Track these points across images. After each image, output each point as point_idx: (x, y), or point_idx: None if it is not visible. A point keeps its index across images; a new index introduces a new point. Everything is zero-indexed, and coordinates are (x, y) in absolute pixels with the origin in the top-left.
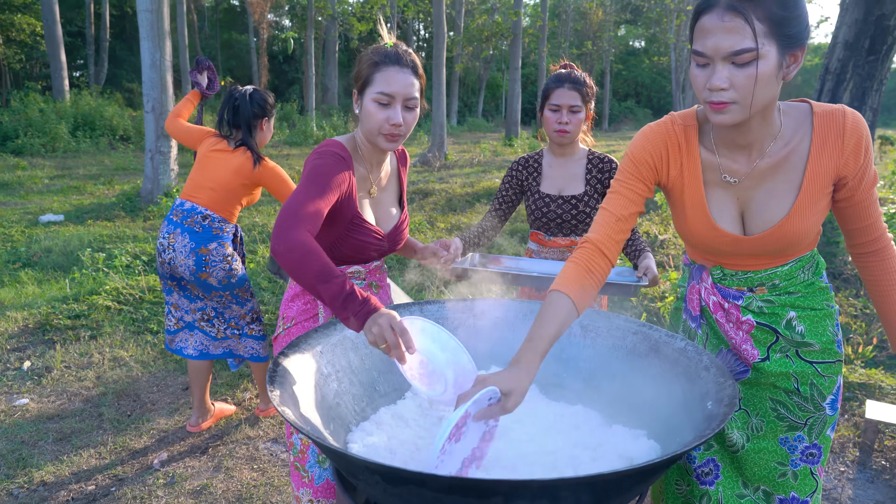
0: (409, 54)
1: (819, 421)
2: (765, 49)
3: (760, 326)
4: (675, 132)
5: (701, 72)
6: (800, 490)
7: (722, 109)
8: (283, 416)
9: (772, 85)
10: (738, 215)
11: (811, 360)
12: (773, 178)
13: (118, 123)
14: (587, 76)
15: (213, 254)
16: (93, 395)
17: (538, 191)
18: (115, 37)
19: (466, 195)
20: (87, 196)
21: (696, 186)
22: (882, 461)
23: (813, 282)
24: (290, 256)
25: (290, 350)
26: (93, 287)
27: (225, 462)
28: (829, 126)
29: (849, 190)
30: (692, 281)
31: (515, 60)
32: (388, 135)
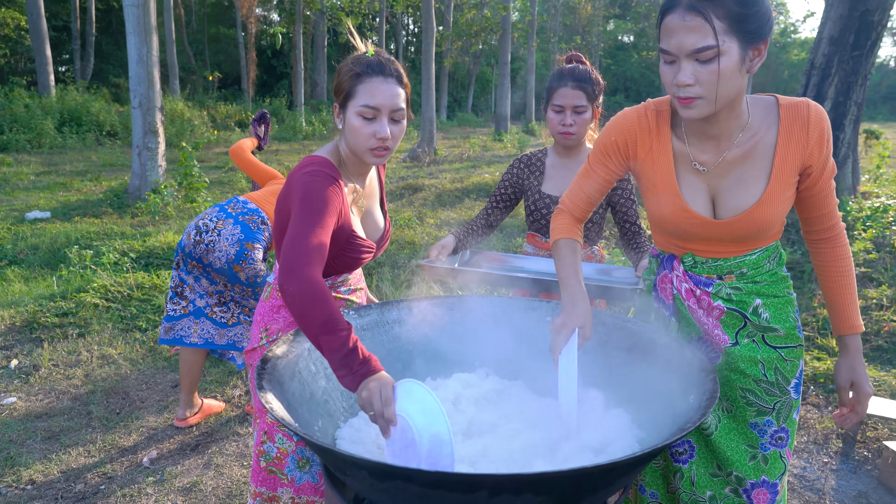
0: (393, 63)
1: (786, 405)
2: (726, 45)
3: (730, 312)
4: (647, 116)
5: (668, 68)
6: (770, 473)
7: (689, 104)
8: (272, 415)
9: (735, 79)
10: (709, 200)
11: (776, 345)
12: (742, 167)
13: (105, 119)
14: (594, 71)
15: (255, 253)
16: (81, 394)
17: (539, 191)
18: (102, 31)
19: (456, 190)
20: (73, 192)
21: (667, 169)
22: (864, 452)
23: (776, 271)
24: (300, 299)
25: (277, 348)
26: (80, 284)
27: (215, 459)
28: (794, 118)
29: (812, 179)
30: (663, 270)
31: (504, 55)
32: (375, 150)
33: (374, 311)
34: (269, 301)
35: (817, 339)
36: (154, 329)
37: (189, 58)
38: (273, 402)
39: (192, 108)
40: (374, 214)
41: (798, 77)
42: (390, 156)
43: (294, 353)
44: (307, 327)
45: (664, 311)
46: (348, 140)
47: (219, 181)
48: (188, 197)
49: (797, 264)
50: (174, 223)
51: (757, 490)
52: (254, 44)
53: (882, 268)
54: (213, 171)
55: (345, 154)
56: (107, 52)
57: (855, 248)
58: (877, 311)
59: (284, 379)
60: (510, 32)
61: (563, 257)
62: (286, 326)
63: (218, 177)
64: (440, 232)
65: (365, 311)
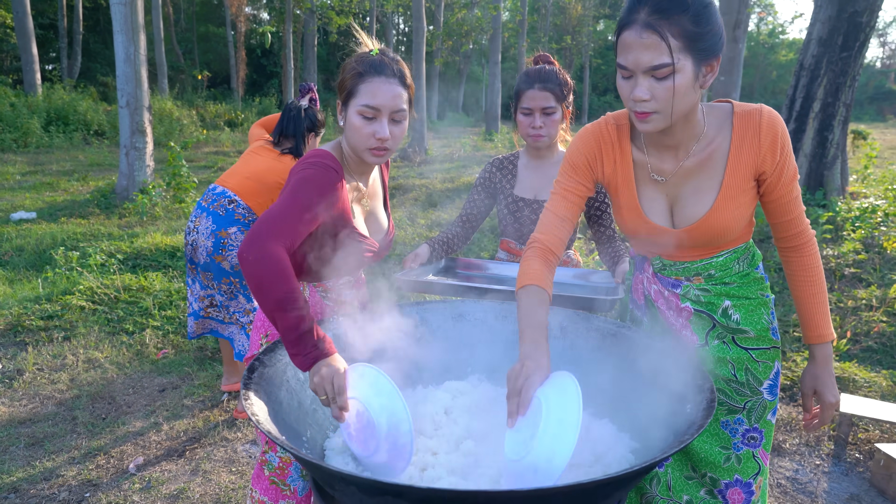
0: (397, 62)
1: (758, 405)
2: (680, 63)
3: (698, 313)
4: (609, 132)
5: (625, 83)
6: (743, 473)
7: (645, 119)
8: (257, 427)
9: (690, 94)
10: (668, 209)
11: (746, 346)
12: (697, 176)
13: (92, 118)
14: (561, 71)
15: (232, 237)
16: (66, 398)
17: (511, 194)
18: (89, 29)
19: (447, 190)
20: (60, 193)
21: (627, 181)
22: (856, 454)
23: (748, 273)
24: (257, 270)
25: (265, 356)
26: (66, 287)
27: (202, 465)
28: (746, 125)
29: (769, 185)
30: (637, 272)
31: (495, 55)
32: (375, 149)
33: (365, 315)
34: None
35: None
36: (141, 332)
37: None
38: (260, 413)
39: (181, 107)
40: (377, 215)
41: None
42: (390, 156)
43: (282, 360)
44: (263, 302)
45: (637, 311)
46: (348, 138)
47: (208, 181)
48: (176, 197)
49: (778, 263)
50: (162, 224)
51: (731, 490)
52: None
53: (871, 268)
54: (202, 171)
55: (346, 151)
56: (94, 50)
57: (844, 248)
58: (866, 311)
59: (272, 388)
60: (500, 32)
61: (526, 307)
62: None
63: (207, 177)
64: (431, 232)
65: (353, 315)
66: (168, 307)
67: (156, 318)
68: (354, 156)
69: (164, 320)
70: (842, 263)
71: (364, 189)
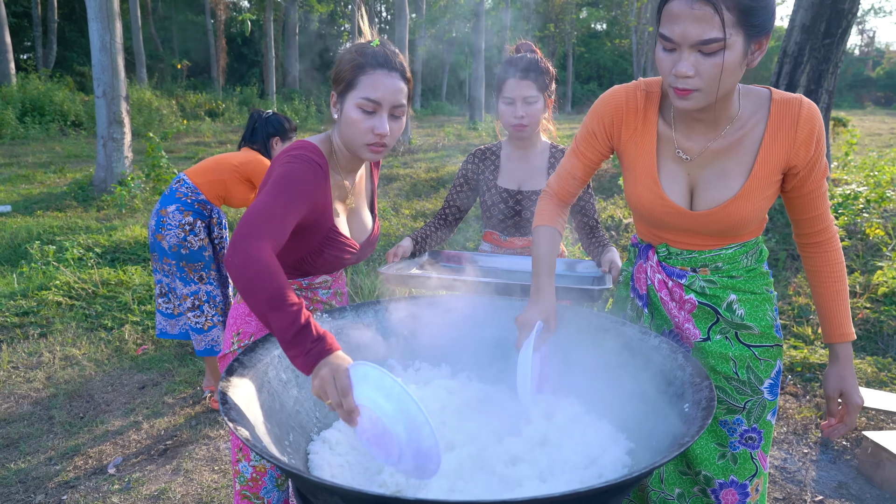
0: (398, 56)
1: (758, 405)
2: (732, 39)
3: (702, 306)
4: (637, 97)
5: (667, 56)
6: (739, 474)
7: (686, 96)
8: (235, 434)
9: (736, 73)
10: (688, 190)
11: (749, 343)
12: (724, 159)
13: (69, 108)
14: (543, 59)
15: (170, 216)
16: (42, 397)
17: (495, 185)
18: (64, 18)
19: (431, 180)
20: (36, 185)
21: (648, 154)
22: (843, 441)
23: (755, 267)
24: (245, 272)
25: (245, 356)
26: (42, 282)
27: (184, 464)
28: (784, 114)
29: (798, 180)
30: (639, 260)
31: (478, 43)
32: (372, 145)
33: (349, 313)
34: (242, 304)
35: (793, 328)
36: (120, 328)
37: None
38: (237, 418)
39: (160, 97)
40: (361, 215)
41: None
42: (387, 153)
43: (263, 360)
44: (254, 304)
45: (638, 301)
46: (344, 132)
47: None
48: (156, 189)
49: (772, 252)
50: (141, 216)
51: (725, 490)
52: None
53: (854, 255)
54: (183, 162)
55: (337, 146)
56: (70, 39)
57: None
58: (850, 298)
59: (252, 390)
60: (484, 20)
61: (539, 246)
62: (259, 331)
63: (187, 168)
64: (416, 223)
65: (339, 312)
66: (148, 302)
67: (135, 313)
68: (346, 151)
69: (144, 315)
70: None
71: (350, 187)
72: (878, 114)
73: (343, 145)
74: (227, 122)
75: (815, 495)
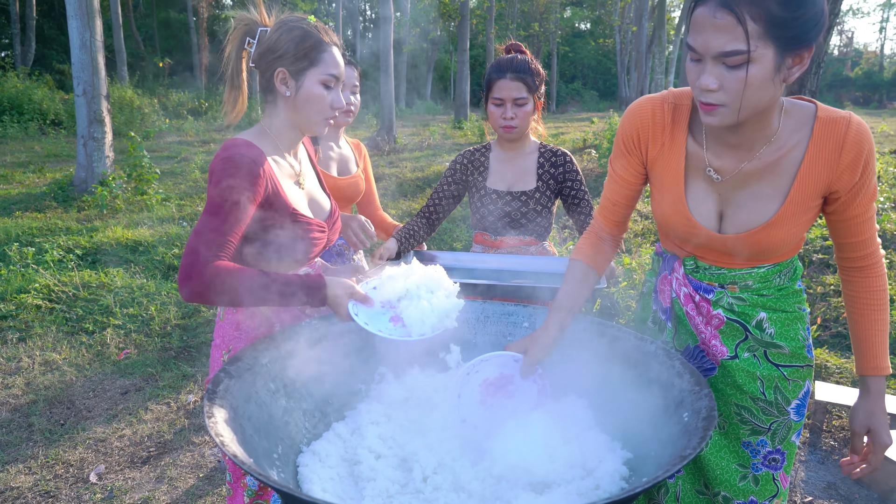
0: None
1: (783, 426)
2: (758, 52)
3: (730, 322)
4: (664, 111)
5: (694, 67)
6: (759, 494)
7: (711, 111)
8: (222, 450)
9: (767, 88)
10: (717, 212)
11: (779, 363)
12: (759, 182)
13: (48, 107)
14: (534, 60)
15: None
16: (21, 404)
17: (485, 186)
18: (43, 14)
19: (417, 180)
20: (14, 185)
21: (676, 172)
22: (831, 441)
23: (787, 286)
24: (214, 290)
25: (231, 366)
26: (21, 285)
27: (168, 472)
28: (828, 135)
29: (841, 204)
30: (664, 271)
31: (463, 42)
32: (330, 119)
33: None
34: (226, 319)
35: None
36: (101, 332)
37: (137, 43)
38: (224, 433)
39: (142, 95)
40: (316, 195)
41: None
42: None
43: (251, 370)
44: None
45: (661, 315)
46: (300, 109)
47: (171, 172)
48: (138, 189)
49: None
50: (123, 217)
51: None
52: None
53: None
54: (165, 162)
55: (278, 127)
56: (49, 36)
57: (812, 234)
58: (835, 297)
59: (239, 402)
60: (468, 19)
61: (564, 280)
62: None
63: (170, 167)
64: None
65: (328, 320)
66: (130, 305)
67: (117, 316)
68: (290, 132)
69: (126, 319)
70: (810, 250)
71: (298, 166)
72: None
73: (289, 123)
74: (210, 120)
75: (805, 496)
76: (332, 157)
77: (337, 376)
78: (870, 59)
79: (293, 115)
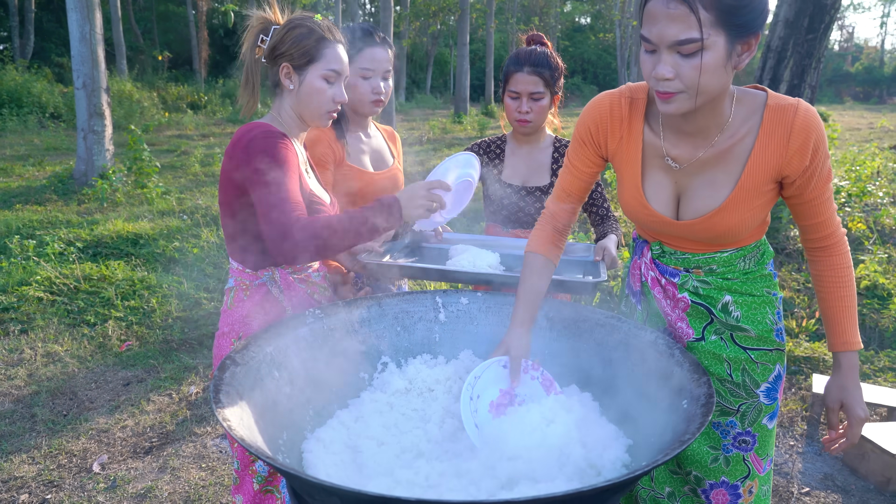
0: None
1: (752, 408)
2: (711, 39)
3: (695, 305)
4: (621, 105)
5: (648, 58)
6: (730, 475)
7: (668, 99)
8: (231, 435)
9: (720, 75)
10: (674, 199)
11: (745, 345)
12: (713, 169)
13: (48, 100)
14: (553, 54)
15: None
16: (24, 395)
17: (499, 179)
18: (42, 7)
19: (417, 174)
20: (14, 178)
21: (633, 162)
22: None
23: (753, 270)
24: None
25: (237, 354)
26: (22, 277)
27: (171, 462)
28: (777, 122)
29: (796, 188)
30: (635, 256)
31: (463, 36)
32: (332, 112)
33: (342, 311)
34: (235, 308)
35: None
36: (103, 324)
37: (136, 36)
38: (231, 417)
39: (141, 89)
40: (316, 182)
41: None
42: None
43: (256, 358)
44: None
45: (632, 298)
46: (304, 102)
47: (171, 165)
48: (138, 182)
49: None
50: (124, 210)
51: (716, 490)
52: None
53: None
54: (165, 155)
55: (287, 117)
56: (48, 29)
57: None
58: None
59: (245, 389)
60: (468, 13)
61: (522, 276)
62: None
63: (170, 161)
64: None
65: (332, 309)
66: (131, 297)
67: (118, 308)
68: (296, 123)
69: (128, 311)
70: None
71: (303, 155)
72: (857, 108)
73: (295, 115)
74: (209, 114)
75: (802, 487)
76: (364, 149)
77: (340, 365)
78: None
79: (297, 107)
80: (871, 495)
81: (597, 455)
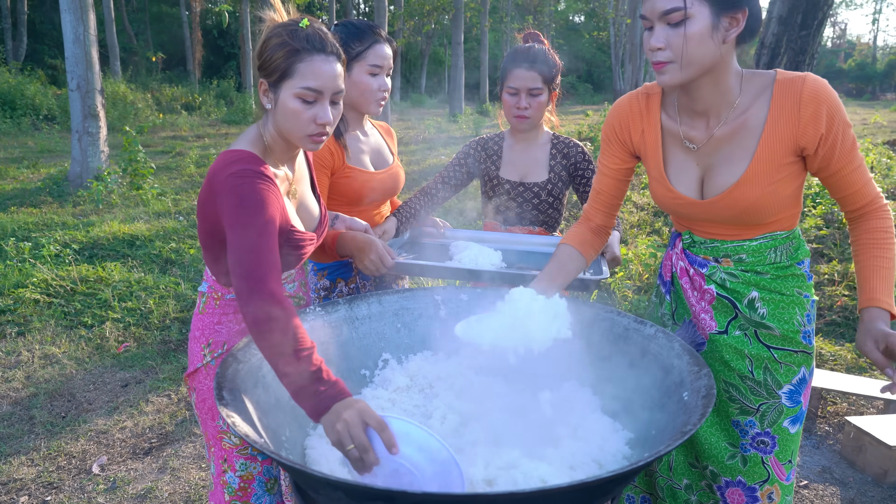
0: (329, 36)
1: (773, 409)
2: (694, 9)
3: (721, 298)
4: (638, 101)
5: (647, 35)
6: (747, 476)
7: (661, 69)
8: (234, 431)
9: (706, 45)
10: (699, 179)
11: (769, 343)
12: (729, 145)
13: (41, 102)
14: (550, 51)
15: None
16: (22, 397)
17: (497, 176)
18: (34, 8)
19: (413, 174)
20: (9, 181)
21: (655, 150)
22: (826, 427)
23: (786, 265)
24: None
25: (239, 352)
26: (18, 279)
27: (170, 462)
28: (787, 94)
29: (821, 160)
30: (668, 247)
31: (457, 35)
32: (315, 136)
33: (343, 308)
34: (207, 313)
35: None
36: (100, 325)
37: (130, 38)
38: (234, 415)
39: (136, 90)
40: (306, 202)
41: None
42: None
43: (256, 356)
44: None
45: (662, 288)
46: (281, 124)
47: (166, 167)
48: (133, 184)
49: None
50: (119, 212)
51: (732, 489)
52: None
53: (832, 243)
54: (160, 157)
55: (271, 137)
56: (41, 31)
57: (805, 224)
58: (829, 286)
59: (247, 387)
60: (462, 12)
61: (548, 263)
62: (232, 337)
63: (165, 162)
64: None
65: (332, 307)
66: (128, 298)
67: (116, 310)
68: (283, 142)
69: (125, 312)
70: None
71: (291, 176)
72: (850, 105)
73: (278, 135)
74: (203, 115)
75: (800, 480)
76: (363, 149)
77: (341, 362)
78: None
79: (278, 128)
80: (868, 487)
81: (598, 448)
